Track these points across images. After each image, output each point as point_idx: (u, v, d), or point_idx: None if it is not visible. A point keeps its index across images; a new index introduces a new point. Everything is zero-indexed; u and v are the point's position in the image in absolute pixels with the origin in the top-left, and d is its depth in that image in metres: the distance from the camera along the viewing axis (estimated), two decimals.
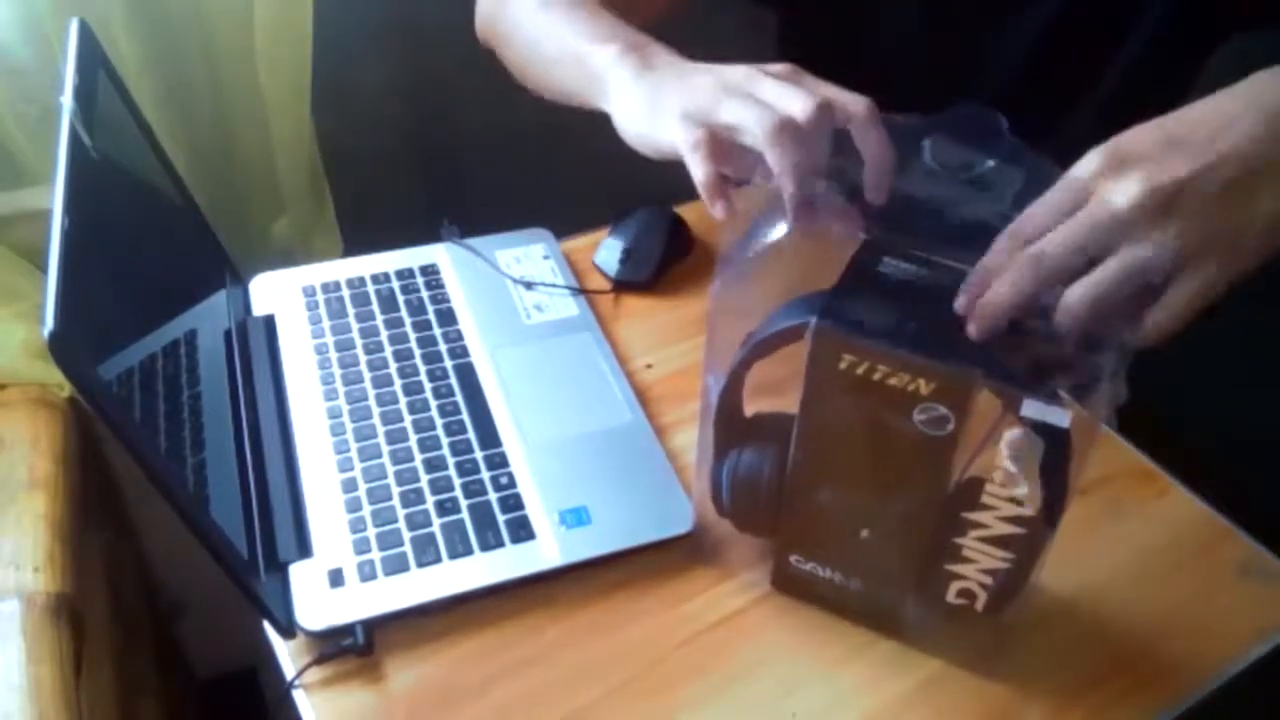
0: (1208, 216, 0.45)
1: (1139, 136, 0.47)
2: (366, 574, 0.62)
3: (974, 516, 0.53)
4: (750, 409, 0.60)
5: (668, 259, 0.87)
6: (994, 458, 0.50)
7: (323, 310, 0.81)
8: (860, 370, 0.49)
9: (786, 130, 0.52)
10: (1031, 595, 0.58)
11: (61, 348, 0.46)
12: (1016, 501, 0.51)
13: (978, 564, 0.55)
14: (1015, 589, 0.56)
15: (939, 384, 0.48)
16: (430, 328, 0.80)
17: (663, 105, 0.59)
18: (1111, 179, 0.46)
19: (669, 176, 0.93)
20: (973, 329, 0.48)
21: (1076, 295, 0.46)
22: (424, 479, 0.68)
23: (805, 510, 0.58)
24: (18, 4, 0.83)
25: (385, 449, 0.70)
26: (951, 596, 0.57)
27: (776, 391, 0.57)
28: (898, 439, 0.51)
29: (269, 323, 0.80)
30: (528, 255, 0.88)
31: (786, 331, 0.52)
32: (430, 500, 0.67)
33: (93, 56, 0.67)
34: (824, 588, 0.61)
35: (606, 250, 0.88)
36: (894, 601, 0.60)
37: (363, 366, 0.76)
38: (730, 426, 0.60)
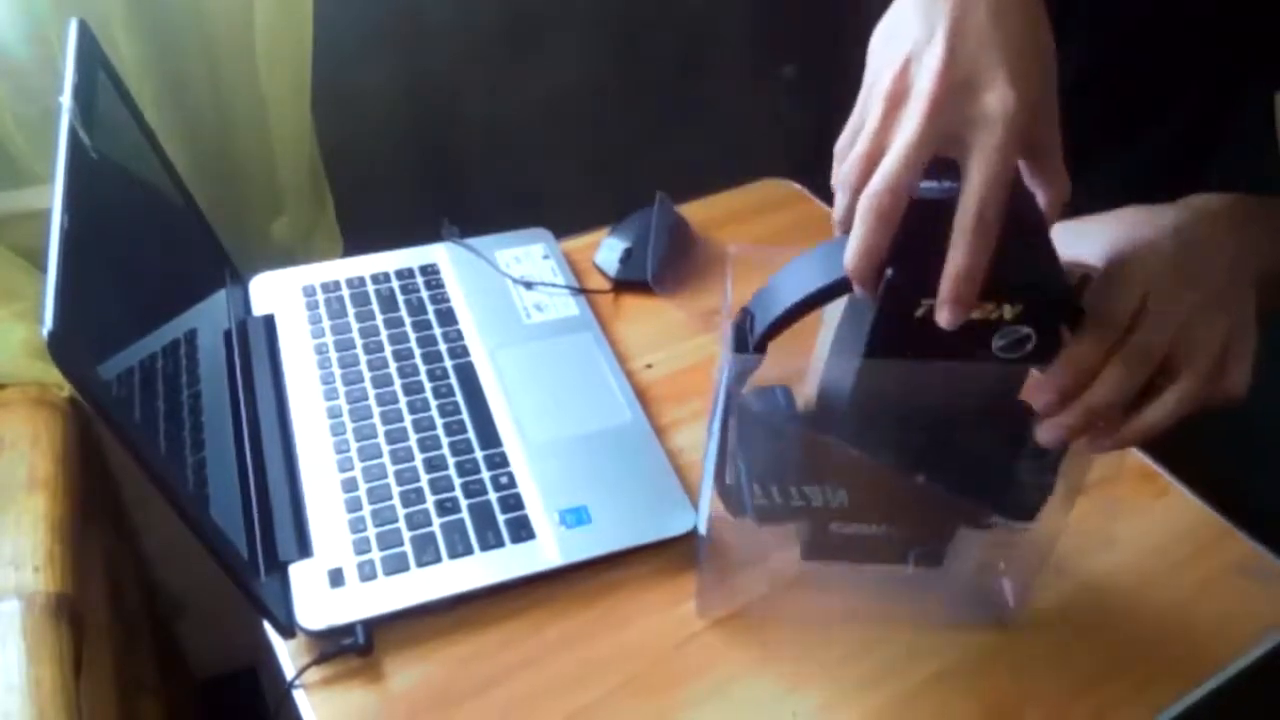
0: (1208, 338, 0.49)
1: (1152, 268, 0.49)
2: (366, 574, 0.62)
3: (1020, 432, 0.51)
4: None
5: (668, 259, 0.87)
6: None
7: (323, 310, 0.81)
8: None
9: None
10: (1032, 596, 0.58)
11: (60, 347, 0.46)
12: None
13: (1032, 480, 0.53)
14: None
15: (1025, 304, 0.46)
16: (430, 327, 0.80)
17: (886, 54, 0.48)
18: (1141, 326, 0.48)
19: (669, 176, 0.94)
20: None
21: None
22: (424, 479, 0.68)
23: (856, 469, 0.55)
24: (18, 4, 0.83)
25: (385, 449, 0.70)
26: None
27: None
28: (971, 372, 0.49)
29: (269, 322, 0.80)
30: (528, 255, 0.88)
31: (834, 286, 0.47)
32: (430, 500, 0.67)
33: (92, 56, 0.67)
34: (867, 544, 0.58)
35: (606, 250, 0.88)
36: (942, 536, 0.58)
37: (363, 366, 0.76)
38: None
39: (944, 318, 0.44)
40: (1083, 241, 0.52)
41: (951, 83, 0.45)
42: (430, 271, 0.85)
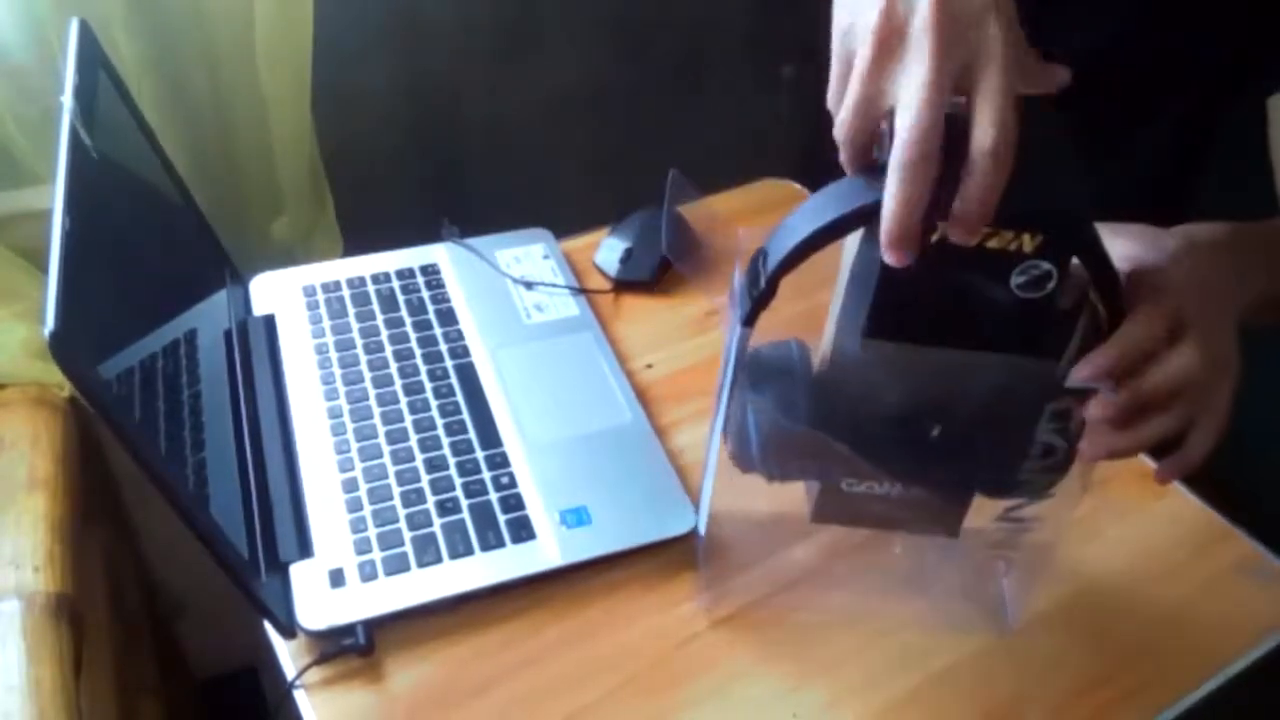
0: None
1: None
2: (367, 574, 0.62)
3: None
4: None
5: (668, 259, 0.87)
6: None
7: (323, 310, 0.81)
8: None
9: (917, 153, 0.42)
10: (1031, 596, 0.58)
11: (62, 347, 0.46)
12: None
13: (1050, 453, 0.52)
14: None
15: (1046, 235, 0.45)
16: (430, 327, 0.80)
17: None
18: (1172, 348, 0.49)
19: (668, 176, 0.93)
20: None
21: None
22: (425, 479, 0.68)
23: (866, 420, 0.53)
24: (18, 4, 0.83)
25: (386, 449, 0.70)
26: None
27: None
28: (990, 310, 0.47)
29: (269, 322, 0.80)
30: (528, 255, 0.88)
31: (855, 215, 0.45)
32: (431, 500, 0.67)
33: (93, 56, 0.67)
34: (880, 507, 0.56)
35: (606, 250, 0.88)
36: (957, 497, 0.56)
37: (363, 366, 0.76)
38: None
39: (957, 234, 0.43)
40: None
41: (950, 15, 0.43)
42: (430, 271, 0.86)
